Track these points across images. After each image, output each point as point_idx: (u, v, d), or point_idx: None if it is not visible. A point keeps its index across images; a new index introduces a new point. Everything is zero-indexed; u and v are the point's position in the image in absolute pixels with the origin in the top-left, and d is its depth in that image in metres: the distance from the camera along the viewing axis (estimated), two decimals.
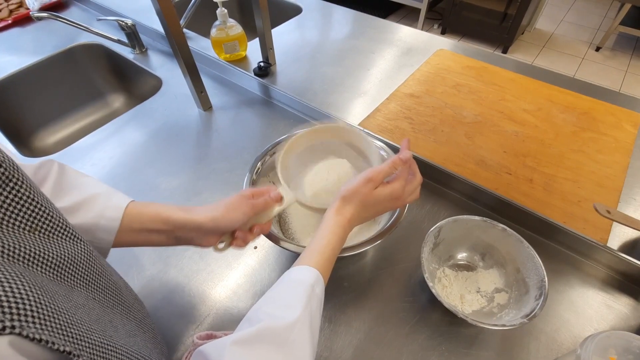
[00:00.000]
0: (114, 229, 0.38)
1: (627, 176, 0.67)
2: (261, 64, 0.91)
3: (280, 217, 0.61)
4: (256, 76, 0.89)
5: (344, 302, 0.53)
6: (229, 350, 0.29)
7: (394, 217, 0.52)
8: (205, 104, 0.85)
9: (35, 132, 1.01)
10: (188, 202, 0.67)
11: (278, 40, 0.98)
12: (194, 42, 1.01)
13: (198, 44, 1.00)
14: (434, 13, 2.88)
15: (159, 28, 0.79)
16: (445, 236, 0.54)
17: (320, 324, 0.37)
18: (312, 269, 0.37)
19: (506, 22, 2.42)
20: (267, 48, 0.90)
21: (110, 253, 0.40)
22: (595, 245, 0.56)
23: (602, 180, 0.66)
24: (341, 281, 0.56)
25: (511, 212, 0.61)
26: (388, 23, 1.11)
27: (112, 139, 0.79)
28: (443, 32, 2.68)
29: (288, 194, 0.47)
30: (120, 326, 0.30)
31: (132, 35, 0.98)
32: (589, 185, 0.65)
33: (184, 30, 0.97)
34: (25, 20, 1.15)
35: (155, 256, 0.59)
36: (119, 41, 0.99)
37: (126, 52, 1.02)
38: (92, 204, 0.38)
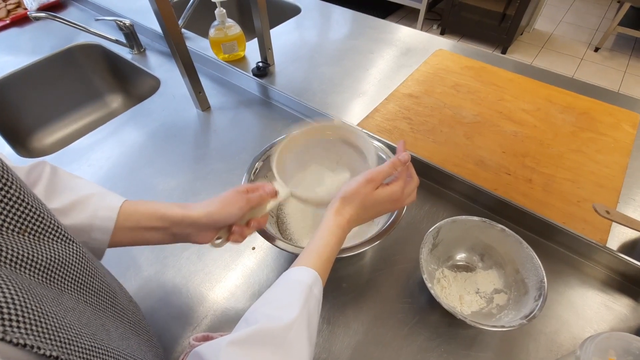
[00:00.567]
0: (110, 228, 0.38)
1: (626, 176, 0.67)
2: (260, 64, 0.91)
3: (278, 218, 0.61)
4: (255, 76, 0.89)
5: (343, 303, 0.53)
6: (225, 350, 0.29)
7: (393, 218, 0.52)
8: (203, 104, 0.84)
9: (33, 133, 1.00)
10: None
11: (277, 40, 0.98)
12: (193, 43, 1.01)
13: (196, 44, 1.00)
14: (433, 14, 2.88)
15: (157, 28, 0.79)
16: (444, 237, 0.54)
17: (318, 325, 0.36)
18: (310, 270, 0.36)
19: (505, 23, 2.42)
20: (266, 48, 0.90)
21: (107, 255, 0.40)
22: (594, 245, 0.55)
23: (601, 180, 0.66)
24: (340, 282, 0.55)
25: (510, 213, 0.61)
26: (387, 23, 1.10)
27: (110, 140, 0.79)
28: (442, 33, 2.68)
29: (283, 189, 0.47)
30: (112, 329, 0.29)
31: (130, 35, 0.98)
32: (588, 185, 0.65)
33: (183, 30, 0.97)
34: (23, 20, 1.15)
35: (152, 257, 0.59)
36: (117, 41, 0.99)
37: (124, 53, 1.01)
38: (86, 204, 0.37)
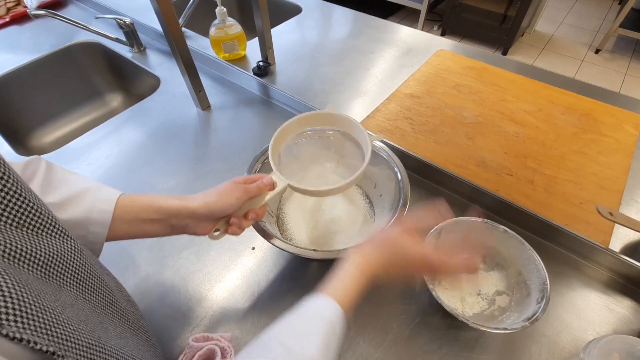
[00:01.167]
0: (107, 221, 0.37)
1: (629, 178, 0.66)
2: (260, 64, 0.90)
3: (278, 218, 0.60)
4: (255, 75, 0.88)
5: None
6: None
7: (394, 219, 0.51)
8: (203, 103, 0.84)
9: (32, 131, 1.00)
10: None
11: (277, 39, 0.97)
12: (193, 41, 1.00)
13: (197, 43, 0.99)
14: (434, 14, 2.88)
15: (158, 27, 0.79)
16: (445, 238, 0.53)
17: None
18: (337, 305, 0.36)
19: (506, 24, 2.42)
20: (267, 47, 0.89)
21: (105, 254, 0.39)
22: (597, 247, 0.55)
23: (604, 181, 0.66)
24: None
25: (512, 214, 0.61)
26: (388, 23, 1.10)
27: (110, 138, 0.78)
28: (443, 34, 2.68)
29: (280, 180, 0.47)
30: (111, 327, 0.29)
31: (131, 33, 0.98)
32: (591, 186, 0.65)
33: (183, 29, 0.97)
34: (22, 18, 1.14)
35: (151, 257, 0.58)
36: (117, 40, 0.98)
37: (124, 51, 1.01)
38: (82, 198, 0.37)
